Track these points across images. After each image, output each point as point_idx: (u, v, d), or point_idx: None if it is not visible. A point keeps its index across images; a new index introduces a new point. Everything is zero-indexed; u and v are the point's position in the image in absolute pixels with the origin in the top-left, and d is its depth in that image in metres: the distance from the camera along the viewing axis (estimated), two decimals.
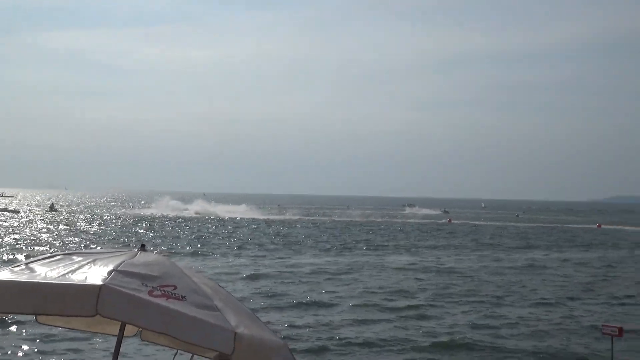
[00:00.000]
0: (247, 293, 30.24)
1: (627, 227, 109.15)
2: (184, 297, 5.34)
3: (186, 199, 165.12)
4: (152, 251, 6.54)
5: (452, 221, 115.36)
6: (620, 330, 17.02)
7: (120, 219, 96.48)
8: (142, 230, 73.50)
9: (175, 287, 5.44)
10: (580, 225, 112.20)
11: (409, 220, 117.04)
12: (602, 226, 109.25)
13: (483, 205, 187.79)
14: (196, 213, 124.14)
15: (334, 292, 31.87)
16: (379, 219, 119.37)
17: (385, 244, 61.95)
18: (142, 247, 6.13)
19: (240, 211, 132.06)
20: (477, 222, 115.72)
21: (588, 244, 68.19)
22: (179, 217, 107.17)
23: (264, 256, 47.51)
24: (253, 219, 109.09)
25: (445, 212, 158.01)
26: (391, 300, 30.23)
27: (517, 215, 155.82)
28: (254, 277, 35.87)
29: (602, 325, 17.86)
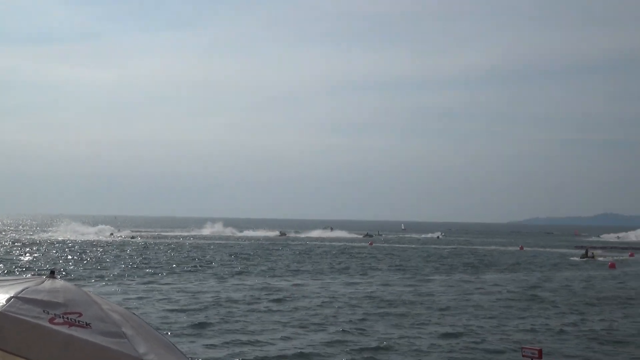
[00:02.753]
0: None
1: (547, 249, 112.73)
2: (89, 324, 5.23)
3: (94, 222, 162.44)
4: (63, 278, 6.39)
5: (373, 244, 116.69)
6: (540, 352, 17.51)
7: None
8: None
9: (81, 315, 5.32)
10: (502, 247, 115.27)
11: (331, 243, 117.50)
12: (524, 248, 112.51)
13: (403, 227, 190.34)
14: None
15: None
16: (296, 243, 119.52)
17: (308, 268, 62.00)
18: (52, 274, 5.98)
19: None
20: (398, 245, 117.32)
21: (512, 266, 69.98)
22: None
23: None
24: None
25: (369, 235, 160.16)
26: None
27: (437, 237, 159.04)
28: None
29: (522, 348, 18.34)
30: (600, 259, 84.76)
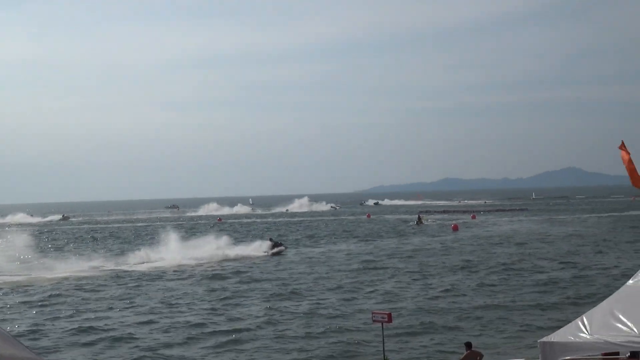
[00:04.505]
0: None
1: (391, 216, 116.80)
2: None
3: None
4: None
5: (222, 220, 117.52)
6: (390, 316, 18.21)
7: None
8: None
9: None
10: (351, 217, 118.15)
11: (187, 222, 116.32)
12: (371, 216, 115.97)
13: (251, 202, 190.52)
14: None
15: None
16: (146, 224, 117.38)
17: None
18: None
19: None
20: (249, 220, 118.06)
21: (363, 235, 71.75)
22: None
23: None
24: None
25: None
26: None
27: (287, 210, 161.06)
28: None
29: (372, 313, 19.00)
30: (428, 222, 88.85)
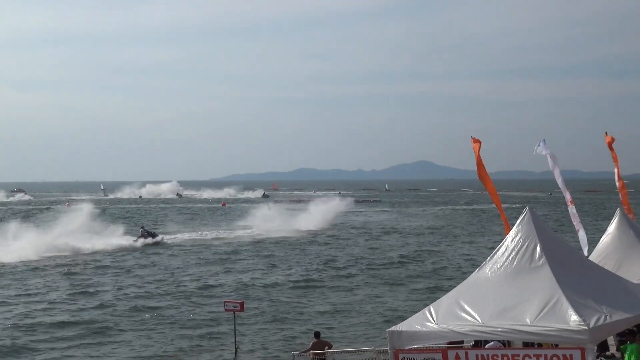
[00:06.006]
0: None
1: (247, 205, 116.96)
2: None
3: None
4: None
5: (71, 206, 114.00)
6: (242, 305, 18.28)
7: None
8: None
9: None
10: (206, 205, 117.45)
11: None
12: (226, 205, 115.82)
13: (102, 188, 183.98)
14: None
15: None
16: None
17: None
18: None
19: None
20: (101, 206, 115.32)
21: (214, 223, 71.21)
22: None
23: None
24: None
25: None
26: None
27: (140, 197, 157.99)
28: None
29: (224, 302, 19.00)
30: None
